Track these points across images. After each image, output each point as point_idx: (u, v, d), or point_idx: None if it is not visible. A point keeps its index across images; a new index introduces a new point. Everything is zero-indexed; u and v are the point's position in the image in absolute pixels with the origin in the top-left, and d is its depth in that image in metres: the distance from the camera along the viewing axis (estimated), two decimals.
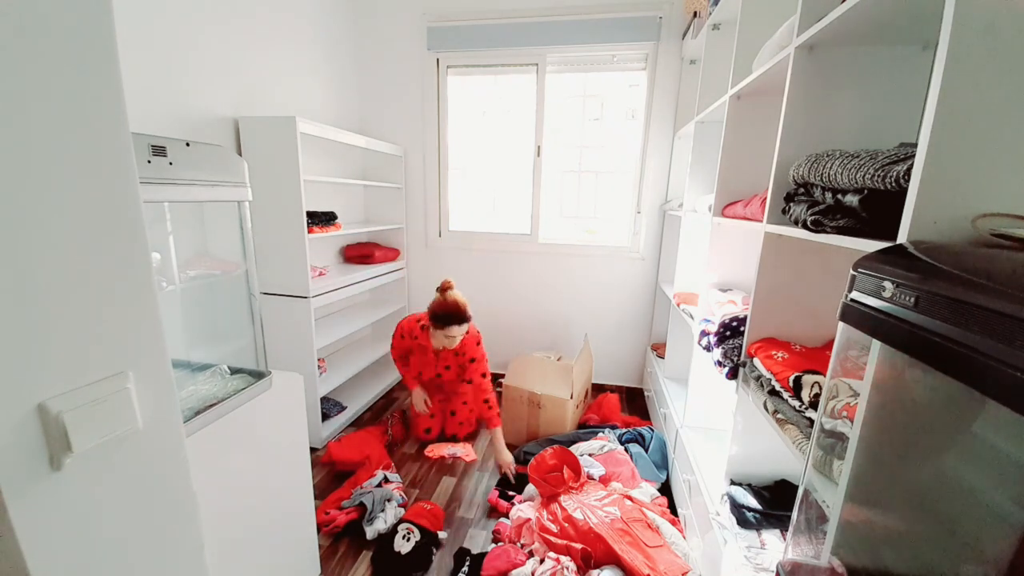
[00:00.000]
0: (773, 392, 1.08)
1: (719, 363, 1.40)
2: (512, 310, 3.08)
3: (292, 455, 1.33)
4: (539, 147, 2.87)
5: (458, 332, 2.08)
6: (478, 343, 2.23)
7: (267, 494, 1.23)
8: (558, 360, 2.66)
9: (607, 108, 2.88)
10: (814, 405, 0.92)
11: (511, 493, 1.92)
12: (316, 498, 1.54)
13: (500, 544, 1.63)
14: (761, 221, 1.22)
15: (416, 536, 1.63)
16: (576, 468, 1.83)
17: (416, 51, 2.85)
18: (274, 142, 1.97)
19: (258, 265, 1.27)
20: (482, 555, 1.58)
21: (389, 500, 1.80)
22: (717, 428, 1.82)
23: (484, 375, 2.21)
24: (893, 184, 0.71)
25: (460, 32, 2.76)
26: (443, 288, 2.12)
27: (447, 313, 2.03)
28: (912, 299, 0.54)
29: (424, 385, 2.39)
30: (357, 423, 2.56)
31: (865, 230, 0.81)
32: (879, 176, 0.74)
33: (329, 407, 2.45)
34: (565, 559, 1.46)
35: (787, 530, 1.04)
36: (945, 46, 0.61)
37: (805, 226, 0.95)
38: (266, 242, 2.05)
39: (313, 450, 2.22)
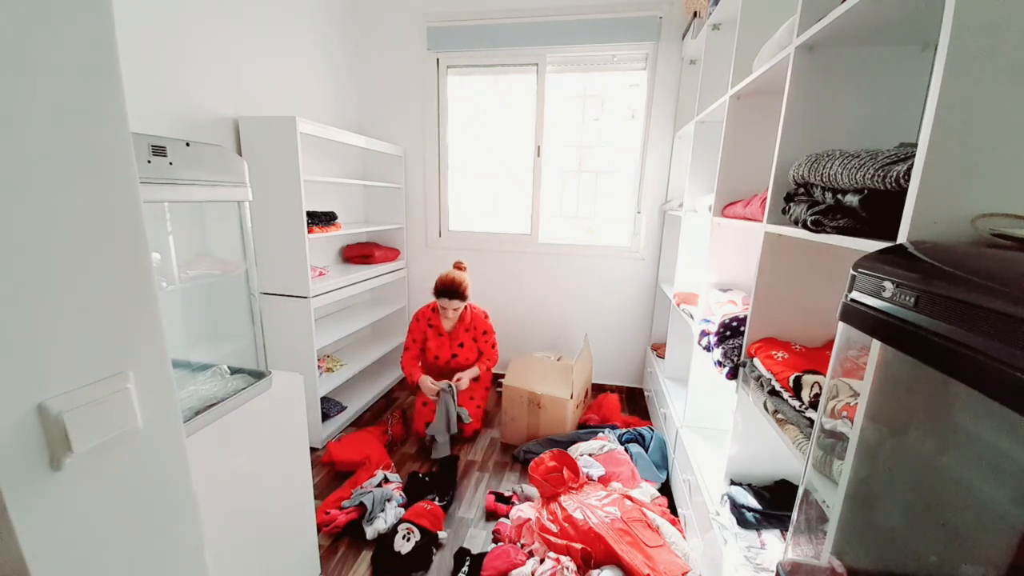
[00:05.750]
0: (773, 392, 1.08)
1: (719, 363, 1.40)
2: (512, 310, 3.08)
3: (292, 455, 1.32)
4: (539, 147, 2.87)
5: (449, 305, 2.30)
6: (486, 317, 2.48)
7: (267, 494, 1.23)
8: (558, 360, 2.66)
9: (607, 108, 2.88)
10: (814, 405, 0.92)
11: (508, 495, 1.92)
12: (316, 498, 1.54)
13: (500, 544, 1.63)
14: (761, 221, 1.22)
15: (416, 536, 1.63)
16: (575, 471, 1.84)
17: (416, 51, 2.85)
18: (274, 142, 1.97)
19: (258, 265, 1.27)
20: (482, 555, 1.58)
21: (389, 500, 1.80)
22: (717, 428, 1.82)
23: (493, 346, 2.50)
24: (893, 184, 0.71)
25: (460, 32, 2.76)
26: (455, 265, 2.44)
27: (443, 286, 2.29)
28: (912, 299, 0.54)
29: (440, 371, 2.45)
30: (357, 423, 2.56)
31: (865, 230, 0.81)
32: (879, 176, 0.74)
33: (329, 407, 2.45)
34: (565, 559, 1.46)
35: (787, 530, 1.04)
36: (945, 46, 0.61)
37: (805, 226, 0.95)
38: (266, 242, 2.05)
39: (313, 450, 2.22)
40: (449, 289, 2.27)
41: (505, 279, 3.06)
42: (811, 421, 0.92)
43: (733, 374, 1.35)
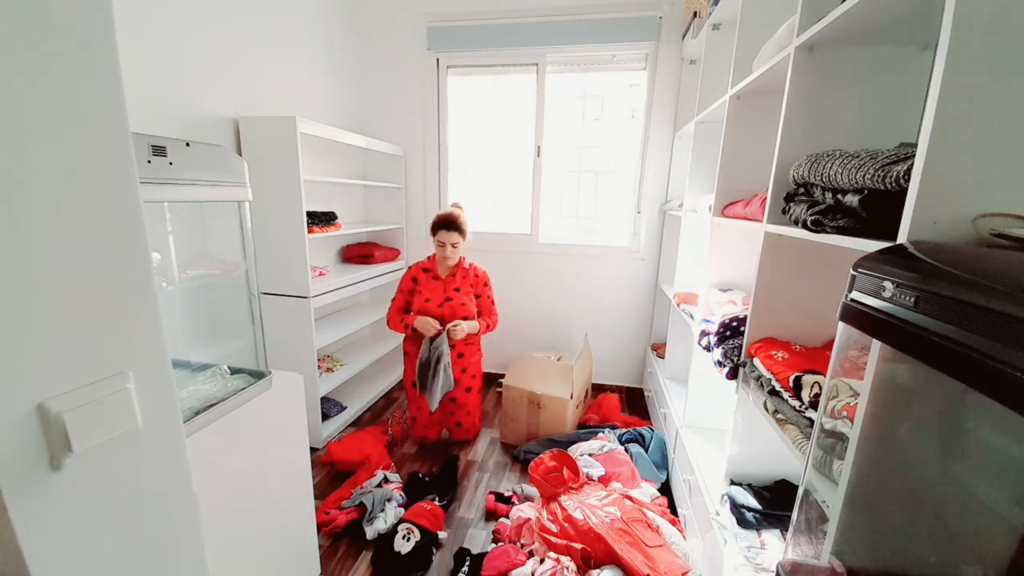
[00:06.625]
0: (773, 392, 1.08)
1: (719, 363, 1.40)
2: (512, 310, 3.08)
3: (292, 455, 1.32)
4: (539, 147, 2.87)
5: (448, 239, 2.19)
6: (486, 284, 2.36)
7: (267, 494, 1.23)
8: (558, 360, 2.66)
9: (607, 108, 2.88)
10: (814, 405, 0.92)
11: (508, 494, 1.92)
12: (316, 498, 1.54)
13: (500, 544, 1.63)
14: (761, 221, 1.22)
15: (416, 536, 1.63)
16: (575, 471, 1.84)
17: (416, 51, 2.85)
18: (274, 142, 1.97)
19: (258, 265, 1.27)
20: (482, 555, 1.58)
21: (389, 500, 1.80)
22: (717, 428, 1.82)
23: (494, 302, 2.37)
24: (893, 184, 0.71)
25: (460, 32, 2.76)
26: (452, 205, 2.31)
27: (441, 219, 2.19)
28: (912, 299, 0.54)
29: (430, 315, 2.24)
30: (357, 423, 2.56)
31: (865, 230, 0.81)
32: (879, 176, 0.74)
33: (329, 407, 2.45)
34: (565, 559, 1.46)
35: (787, 530, 1.04)
36: (945, 46, 0.61)
37: (805, 226, 0.95)
38: (266, 242, 2.05)
39: (313, 450, 2.22)
40: (447, 221, 2.16)
41: (505, 279, 3.06)
42: (811, 421, 0.92)
43: (733, 374, 1.35)
